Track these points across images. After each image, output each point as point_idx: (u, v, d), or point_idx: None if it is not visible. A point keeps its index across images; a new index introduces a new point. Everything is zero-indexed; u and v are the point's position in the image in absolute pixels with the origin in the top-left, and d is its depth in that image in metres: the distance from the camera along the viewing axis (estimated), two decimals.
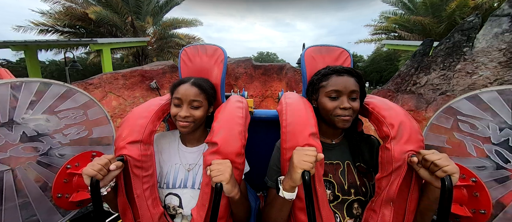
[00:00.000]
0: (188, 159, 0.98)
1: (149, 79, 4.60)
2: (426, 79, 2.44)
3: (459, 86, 2.17)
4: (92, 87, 4.01)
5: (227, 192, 0.76)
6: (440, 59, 2.35)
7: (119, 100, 4.25)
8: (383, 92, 3.17)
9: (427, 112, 2.41)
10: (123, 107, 4.27)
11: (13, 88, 1.07)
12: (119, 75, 4.30)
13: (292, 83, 5.54)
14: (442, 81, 2.31)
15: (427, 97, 2.43)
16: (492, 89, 1.03)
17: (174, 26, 12.07)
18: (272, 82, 5.90)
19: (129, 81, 4.41)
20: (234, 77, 5.89)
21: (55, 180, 1.09)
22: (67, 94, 1.22)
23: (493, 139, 0.99)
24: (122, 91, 4.30)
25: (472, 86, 2.07)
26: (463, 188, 0.95)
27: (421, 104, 2.47)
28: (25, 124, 1.08)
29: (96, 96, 3.98)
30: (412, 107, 2.56)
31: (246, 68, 5.94)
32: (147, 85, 4.59)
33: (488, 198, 0.91)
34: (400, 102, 2.68)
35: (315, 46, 1.10)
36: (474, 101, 1.06)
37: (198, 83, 0.95)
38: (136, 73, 4.51)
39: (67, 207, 1.15)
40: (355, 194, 0.86)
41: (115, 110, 4.17)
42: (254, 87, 5.99)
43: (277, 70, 5.87)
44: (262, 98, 6.01)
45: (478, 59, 2.04)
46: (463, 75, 2.15)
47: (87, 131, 1.26)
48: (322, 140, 0.91)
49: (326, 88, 0.88)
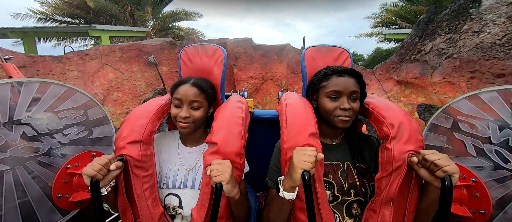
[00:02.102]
0: (188, 159, 0.98)
1: (147, 54, 4.52)
2: (431, 45, 2.41)
3: (466, 47, 2.14)
4: (88, 58, 3.92)
5: (227, 192, 0.76)
6: (445, 23, 2.32)
7: (116, 73, 4.15)
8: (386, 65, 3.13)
9: (432, 78, 2.38)
10: (120, 81, 4.16)
11: (14, 88, 1.07)
12: (116, 48, 4.22)
13: (293, 64, 5.42)
14: (448, 45, 2.28)
15: (432, 63, 2.40)
16: (492, 89, 1.03)
17: (174, 18, 12.01)
18: (272, 64, 5.76)
19: (126, 55, 4.32)
20: (234, 57, 5.77)
21: (55, 180, 1.09)
22: (67, 94, 1.22)
23: (493, 139, 0.99)
24: (119, 64, 4.21)
25: (480, 44, 2.04)
26: (463, 188, 0.96)
27: (426, 70, 2.44)
28: (25, 124, 1.08)
29: (92, 67, 3.92)
30: (417, 75, 2.53)
31: (246, 48, 5.80)
32: (145, 60, 4.50)
33: (488, 198, 0.91)
34: (404, 72, 2.64)
35: (315, 46, 1.10)
36: (474, 101, 1.06)
37: (198, 84, 0.95)
38: (134, 47, 4.42)
39: (67, 207, 1.15)
40: (354, 194, 0.86)
41: (112, 83, 4.08)
42: (254, 69, 5.85)
43: (278, 51, 5.74)
44: (262, 81, 5.86)
45: (485, 16, 2.00)
46: (470, 35, 2.11)
47: (87, 131, 1.27)
48: (322, 141, 0.91)
49: (326, 88, 0.88)
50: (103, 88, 3.98)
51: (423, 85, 2.45)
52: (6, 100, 1.04)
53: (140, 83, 4.48)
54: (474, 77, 2.18)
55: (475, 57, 2.12)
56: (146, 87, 4.53)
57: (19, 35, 8.03)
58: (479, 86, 2.13)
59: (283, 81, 5.67)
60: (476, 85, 2.17)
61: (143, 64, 4.54)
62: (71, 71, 3.69)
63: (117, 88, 4.15)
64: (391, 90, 2.91)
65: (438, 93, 2.41)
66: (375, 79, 3.26)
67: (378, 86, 3.17)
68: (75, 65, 3.76)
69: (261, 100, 6.02)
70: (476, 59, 2.11)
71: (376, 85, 3.20)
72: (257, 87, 5.97)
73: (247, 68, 5.92)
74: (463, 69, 2.20)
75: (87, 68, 3.87)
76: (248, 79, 5.86)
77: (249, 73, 5.89)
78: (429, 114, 2.45)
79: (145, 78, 4.56)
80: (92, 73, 3.92)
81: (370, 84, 3.34)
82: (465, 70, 2.20)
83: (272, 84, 5.93)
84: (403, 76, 2.68)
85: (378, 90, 3.14)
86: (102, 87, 3.97)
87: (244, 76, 5.85)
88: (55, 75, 3.49)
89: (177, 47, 5.20)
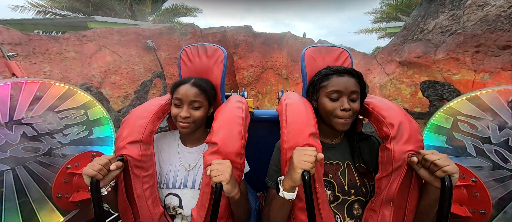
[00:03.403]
0: (188, 159, 0.98)
1: (145, 39, 4.49)
2: (434, 24, 2.38)
3: (470, 21, 2.12)
4: (85, 39, 3.86)
5: (227, 192, 0.76)
6: (448, 0, 2.29)
7: (114, 56, 4.10)
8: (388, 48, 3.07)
9: (436, 55, 2.35)
10: (118, 64, 4.11)
11: (14, 89, 1.07)
12: (114, 31, 4.17)
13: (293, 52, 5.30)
14: (451, 21, 2.26)
15: (435, 41, 2.37)
16: (493, 89, 1.03)
17: (174, 13, 11.96)
18: (272, 53, 5.68)
19: (124, 38, 4.28)
20: (234, 44, 5.69)
21: (55, 180, 1.09)
22: (68, 94, 1.22)
23: (493, 139, 0.99)
24: (117, 47, 4.16)
25: (485, 18, 2.01)
26: (463, 188, 0.96)
27: (430, 48, 2.41)
28: (26, 124, 1.08)
29: (89, 49, 3.86)
30: (420, 53, 2.49)
31: (246, 36, 5.72)
32: (143, 44, 4.46)
33: (488, 198, 0.91)
34: (406, 52, 2.61)
35: (315, 46, 1.10)
36: (474, 101, 1.06)
37: (198, 84, 0.95)
38: (132, 31, 4.38)
39: (67, 207, 1.15)
40: (355, 194, 0.86)
41: (110, 66, 4.02)
42: (254, 57, 5.75)
43: (278, 39, 5.66)
44: (262, 70, 5.76)
45: None
46: (474, 9, 2.09)
47: (87, 131, 1.27)
48: (322, 140, 0.91)
49: (326, 88, 0.88)
50: (101, 71, 3.92)
51: (427, 63, 2.41)
52: (7, 100, 1.04)
53: (138, 68, 4.42)
54: (478, 52, 2.14)
55: (479, 31, 2.08)
56: (144, 72, 4.46)
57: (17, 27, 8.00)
58: (484, 60, 2.11)
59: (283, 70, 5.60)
60: (481, 59, 2.12)
61: (141, 49, 4.48)
62: (68, 51, 3.62)
63: (115, 71, 4.09)
64: (393, 72, 2.87)
65: (441, 71, 2.38)
66: (376, 63, 3.23)
67: (380, 70, 3.13)
68: (72, 46, 3.69)
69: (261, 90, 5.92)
70: (481, 32, 2.07)
71: (378, 69, 3.16)
72: (257, 76, 5.87)
73: (247, 56, 5.82)
74: (468, 44, 2.16)
75: (85, 50, 3.82)
76: (248, 67, 5.77)
77: (249, 62, 5.79)
78: (433, 90, 2.41)
79: (144, 62, 4.51)
80: (90, 55, 3.86)
81: (372, 68, 3.30)
82: (469, 44, 2.15)
83: (272, 73, 5.83)
84: (406, 56, 2.64)
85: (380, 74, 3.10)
86: (100, 69, 3.91)
87: (244, 64, 5.77)
88: (51, 54, 3.43)
89: (176, 33, 5.09)
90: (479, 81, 2.17)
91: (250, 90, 5.97)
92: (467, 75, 2.26)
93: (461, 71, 2.27)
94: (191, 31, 5.66)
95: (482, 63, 2.12)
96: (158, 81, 4.55)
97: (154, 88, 4.59)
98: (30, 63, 3.14)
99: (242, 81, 5.93)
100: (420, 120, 2.68)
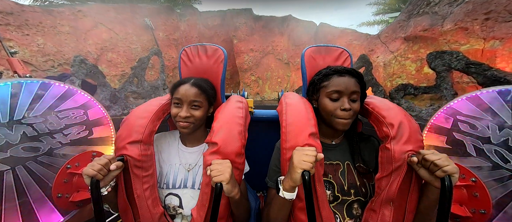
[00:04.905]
0: (188, 159, 0.98)
1: (142, 17, 4.44)
2: None
3: None
4: (80, 15, 3.75)
5: (227, 192, 0.76)
6: None
7: (110, 34, 4.01)
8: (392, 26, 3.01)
9: (443, 27, 2.31)
10: (115, 42, 4.01)
11: (14, 88, 1.07)
12: (110, 7, 4.09)
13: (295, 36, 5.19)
14: None
15: (442, 12, 2.33)
16: (493, 89, 1.03)
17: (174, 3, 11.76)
18: (273, 37, 5.57)
19: (121, 16, 4.19)
20: (233, 27, 5.57)
21: (55, 180, 1.09)
22: (68, 94, 1.22)
23: (493, 139, 0.99)
24: (113, 24, 4.06)
25: None
26: (463, 188, 0.96)
27: (437, 20, 2.36)
28: (26, 124, 1.08)
29: (85, 25, 3.74)
30: (426, 27, 2.44)
31: (246, 19, 5.60)
32: (140, 23, 4.38)
33: (488, 198, 0.91)
34: (412, 26, 2.55)
35: (315, 46, 1.10)
36: (474, 101, 1.06)
37: (198, 84, 0.95)
38: (128, 8, 4.30)
39: (67, 207, 1.15)
40: (355, 194, 0.86)
41: (106, 43, 3.93)
42: (254, 41, 5.62)
43: (279, 22, 5.54)
44: (263, 54, 5.63)
45: None
46: None
47: (87, 131, 1.27)
48: (322, 140, 0.91)
49: (327, 88, 0.88)
50: (97, 47, 3.82)
51: (433, 36, 2.37)
52: (7, 100, 1.04)
53: (135, 47, 4.31)
54: (488, 19, 2.08)
55: None
56: (142, 51, 4.35)
57: None
58: (495, 27, 2.06)
59: (284, 55, 5.50)
60: (491, 26, 2.07)
61: (138, 27, 4.38)
62: (62, 25, 3.51)
63: (112, 49, 3.99)
64: (398, 49, 2.82)
65: (449, 42, 2.33)
66: (380, 42, 3.20)
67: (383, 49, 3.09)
68: (66, 20, 3.58)
69: (262, 75, 5.78)
70: None
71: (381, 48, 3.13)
72: (257, 61, 5.73)
73: (247, 39, 5.72)
74: (477, 12, 2.11)
75: (80, 25, 3.70)
76: (248, 51, 5.65)
77: (249, 45, 5.65)
78: (441, 60, 2.33)
79: (141, 42, 4.40)
80: (85, 30, 3.75)
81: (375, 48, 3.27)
82: (479, 12, 2.11)
83: (273, 58, 5.69)
84: (411, 30, 2.60)
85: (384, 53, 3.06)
86: (96, 46, 3.81)
87: (244, 48, 5.65)
88: (45, 27, 3.32)
89: (174, 13, 4.98)
90: (488, 49, 2.10)
91: (250, 75, 5.82)
92: (476, 44, 2.20)
93: (470, 40, 2.20)
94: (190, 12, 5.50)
95: (492, 30, 2.07)
96: (156, 61, 4.35)
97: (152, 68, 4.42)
98: (22, 34, 3.05)
99: (242, 66, 5.77)
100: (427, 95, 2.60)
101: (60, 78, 3.16)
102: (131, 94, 3.89)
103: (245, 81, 6.01)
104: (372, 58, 3.22)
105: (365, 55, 3.18)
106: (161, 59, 4.34)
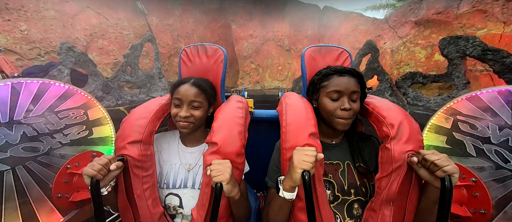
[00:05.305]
0: (188, 159, 0.98)
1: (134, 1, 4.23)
2: None
3: None
4: None
5: (227, 192, 0.76)
6: None
7: (100, 19, 3.78)
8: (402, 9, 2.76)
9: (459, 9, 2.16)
10: (105, 28, 3.79)
11: (14, 89, 1.07)
12: None
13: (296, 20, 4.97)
14: None
15: None
16: (493, 89, 1.03)
17: None
18: (273, 23, 5.36)
19: None
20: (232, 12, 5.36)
21: (55, 180, 1.09)
22: (68, 94, 1.22)
23: (493, 139, 0.99)
24: (103, 9, 3.82)
25: None
26: (463, 188, 0.96)
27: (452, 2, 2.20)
28: (26, 124, 1.08)
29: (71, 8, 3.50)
30: (440, 9, 2.28)
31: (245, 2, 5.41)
32: (132, 8, 4.14)
33: (488, 198, 0.91)
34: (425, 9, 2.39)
35: (315, 46, 1.10)
36: (474, 101, 1.06)
37: (198, 84, 0.95)
38: None
39: (67, 207, 1.15)
40: (355, 194, 0.86)
41: (95, 29, 3.69)
42: (253, 27, 5.40)
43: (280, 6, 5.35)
44: (263, 41, 5.41)
45: None
46: None
47: (87, 131, 1.27)
48: (322, 140, 0.91)
49: (327, 88, 0.88)
50: (86, 34, 3.60)
51: (447, 19, 2.22)
52: (7, 100, 1.04)
53: (128, 33, 4.06)
54: None
55: None
56: (134, 38, 4.09)
57: None
58: None
59: (286, 41, 5.34)
60: None
61: (130, 12, 4.13)
62: (46, 10, 3.28)
63: (102, 36, 3.77)
64: (407, 34, 2.65)
65: (464, 27, 2.17)
66: (388, 27, 3.04)
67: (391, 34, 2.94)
68: (51, 3, 3.33)
69: (262, 63, 5.55)
70: None
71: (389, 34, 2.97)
72: (257, 48, 5.48)
73: (246, 25, 5.52)
74: None
75: (66, 9, 3.47)
76: (248, 37, 5.45)
77: (248, 31, 5.42)
78: (455, 46, 2.14)
79: (134, 28, 4.15)
80: (72, 15, 3.52)
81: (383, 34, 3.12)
82: None
83: (273, 45, 5.46)
84: (423, 14, 2.44)
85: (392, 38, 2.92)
86: (84, 32, 3.59)
87: (243, 34, 5.43)
88: (28, 12, 3.09)
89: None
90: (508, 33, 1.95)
91: (249, 63, 5.61)
92: (494, 29, 2.04)
93: (488, 24, 2.06)
94: None
95: None
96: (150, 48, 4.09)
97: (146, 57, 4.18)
98: (3, 20, 2.88)
99: (241, 53, 5.54)
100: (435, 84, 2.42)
101: (48, 67, 2.97)
102: (126, 83, 3.64)
103: (244, 69, 5.71)
104: (379, 44, 3.05)
105: (372, 41, 2.95)
106: (155, 46, 4.08)
